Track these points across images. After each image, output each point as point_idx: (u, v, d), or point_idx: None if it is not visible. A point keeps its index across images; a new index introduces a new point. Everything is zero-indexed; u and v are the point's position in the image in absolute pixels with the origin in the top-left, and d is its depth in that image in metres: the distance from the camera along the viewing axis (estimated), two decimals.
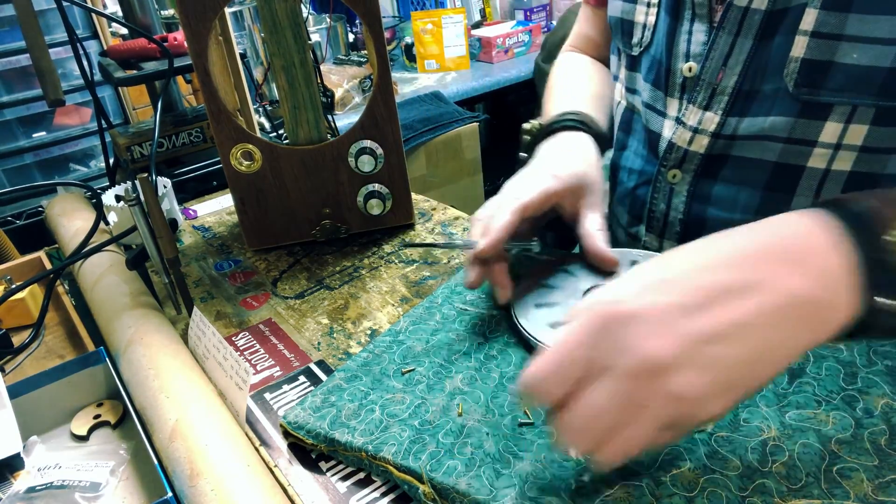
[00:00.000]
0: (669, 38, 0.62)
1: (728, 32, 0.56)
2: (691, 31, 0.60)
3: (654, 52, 0.65)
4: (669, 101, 0.64)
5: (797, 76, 0.53)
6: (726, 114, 0.59)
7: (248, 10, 1.61)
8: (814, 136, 0.55)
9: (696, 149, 0.62)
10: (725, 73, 0.58)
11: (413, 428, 0.45)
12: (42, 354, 0.68)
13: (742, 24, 0.55)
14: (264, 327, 0.64)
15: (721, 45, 0.57)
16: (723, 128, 0.59)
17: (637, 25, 0.68)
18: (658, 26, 0.65)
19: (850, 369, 0.45)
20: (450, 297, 0.60)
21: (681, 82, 0.62)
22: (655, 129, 0.67)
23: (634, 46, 0.69)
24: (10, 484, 0.49)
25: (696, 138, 0.61)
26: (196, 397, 0.50)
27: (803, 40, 0.52)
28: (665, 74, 0.63)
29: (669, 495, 0.38)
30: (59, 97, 0.72)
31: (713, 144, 0.60)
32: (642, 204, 0.70)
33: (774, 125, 0.56)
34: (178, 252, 0.63)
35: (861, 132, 0.53)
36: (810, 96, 0.53)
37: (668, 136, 0.64)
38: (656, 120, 0.66)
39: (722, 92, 0.58)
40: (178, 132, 1.04)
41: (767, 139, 0.57)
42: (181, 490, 0.44)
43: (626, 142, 0.75)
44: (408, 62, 2.20)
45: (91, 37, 1.65)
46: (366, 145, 0.71)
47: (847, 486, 0.37)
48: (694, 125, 0.61)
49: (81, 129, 1.71)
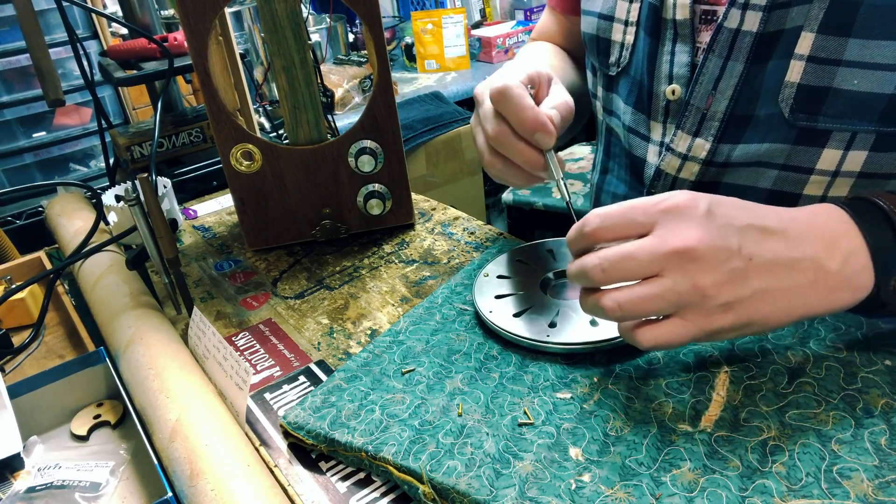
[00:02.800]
0: (651, 60, 0.60)
1: (718, 55, 0.54)
2: (674, 52, 0.58)
3: (633, 73, 0.63)
4: (653, 125, 0.62)
5: (793, 102, 0.51)
6: (717, 140, 0.56)
7: (248, 10, 1.61)
8: (811, 164, 0.53)
9: (685, 176, 0.59)
10: (715, 97, 0.55)
11: (413, 428, 0.45)
12: (42, 354, 0.68)
13: (733, 46, 0.53)
14: (264, 327, 0.64)
15: (711, 68, 0.55)
16: (714, 155, 0.57)
17: (614, 45, 0.65)
18: (637, 46, 0.62)
19: (850, 369, 0.45)
20: (450, 297, 0.60)
21: (664, 105, 0.60)
22: (639, 154, 0.64)
23: (612, 66, 0.66)
24: (10, 484, 0.49)
25: (686, 165, 0.59)
26: (196, 397, 0.50)
27: (800, 65, 0.50)
28: (647, 97, 0.61)
29: (669, 495, 0.38)
30: (59, 97, 0.72)
31: (704, 172, 0.58)
32: None
33: (769, 152, 0.54)
34: (178, 252, 0.63)
35: (860, 158, 0.51)
36: (807, 122, 0.51)
37: (654, 163, 0.62)
38: (639, 144, 0.64)
39: (712, 117, 0.56)
40: (178, 132, 1.04)
41: (762, 166, 0.55)
42: (181, 490, 0.44)
43: (608, 165, 0.73)
44: (408, 62, 2.20)
45: (91, 37, 1.65)
46: (366, 145, 0.71)
47: (847, 486, 0.37)
48: (683, 152, 0.59)
49: (81, 129, 1.72)
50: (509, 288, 0.58)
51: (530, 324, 0.52)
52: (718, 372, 0.46)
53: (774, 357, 0.47)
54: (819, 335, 0.48)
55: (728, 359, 0.47)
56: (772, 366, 0.46)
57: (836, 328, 0.49)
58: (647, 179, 0.63)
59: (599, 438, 0.42)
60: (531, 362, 0.50)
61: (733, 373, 0.46)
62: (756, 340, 0.49)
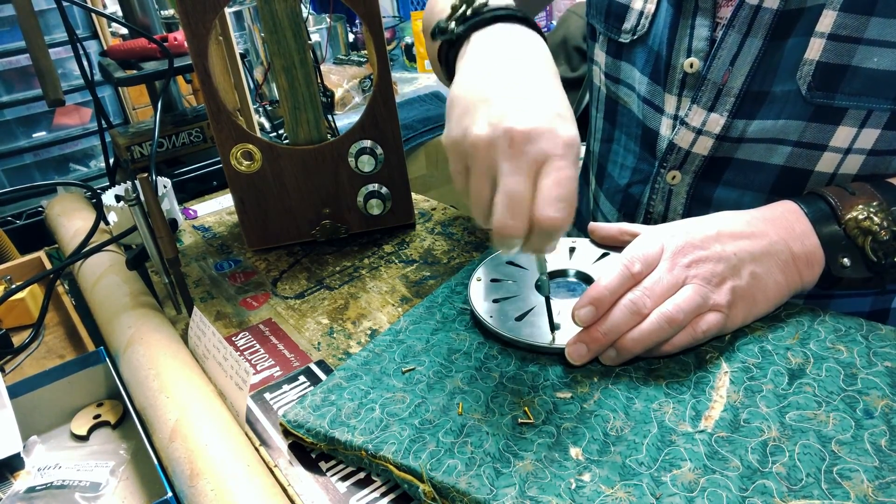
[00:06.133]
0: (672, 31, 0.59)
1: (737, 31, 0.54)
2: (693, 26, 0.58)
3: (651, 43, 0.62)
4: (667, 98, 0.61)
5: (811, 79, 0.51)
6: (732, 115, 0.57)
7: (248, 10, 1.61)
8: (825, 140, 0.53)
9: (698, 151, 0.60)
10: (732, 72, 0.56)
11: (413, 427, 0.45)
12: (42, 354, 0.68)
13: (752, 22, 0.53)
14: (264, 327, 0.64)
15: (730, 43, 0.55)
16: (729, 130, 0.57)
17: (632, 11, 0.63)
18: (658, 16, 0.61)
19: (850, 370, 0.45)
20: (450, 296, 0.60)
21: (681, 78, 0.60)
22: (652, 126, 0.64)
23: (624, 33, 0.64)
24: (10, 484, 0.49)
25: (699, 140, 0.59)
26: (196, 397, 0.50)
27: (819, 42, 0.50)
28: (665, 69, 0.61)
29: (669, 495, 0.38)
30: (59, 97, 0.72)
31: (718, 147, 0.59)
32: (636, 203, 0.68)
33: (784, 128, 0.54)
34: (178, 252, 0.63)
35: (873, 136, 0.52)
36: (824, 100, 0.52)
37: (667, 136, 0.62)
38: (653, 116, 0.63)
39: (728, 93, 0.56)
40: (178, 132, 1.04)
41: (775, 142, 0.55)
42: (181, 490, 0.44)
43: (613, 134, 0.72)
44: (408, 62, 2.20)
45: (91, 37, 1.65)
46: (366, 145, 0.71)
47: (847, 486, 0.37)
48: (698, 126, 0.59)
49: (81, 129, 1.72)
50: (504, 292, 0.57)
51: (533, 327, 0.52)
52: (718, 372, 0.46)
53: (774, 358, 0.47)
54: (819, 336, 0.48)
55: (728, 359, 0.47)
56: (772, 366, 0.46)
57: (836, 329, 0.49)
58: (660, 153, 0.63)
59: (600, 438, 0.42)
60: (531, 362, 0.50)
61: (733, 373, 0.46)
62: (756, 341, 0.49)
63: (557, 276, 0.59)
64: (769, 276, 0.49)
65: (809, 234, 0.50)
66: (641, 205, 0.67)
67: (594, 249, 0.60)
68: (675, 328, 0.47)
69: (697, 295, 0.47)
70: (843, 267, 0.50)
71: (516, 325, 0.53)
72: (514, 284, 0.58)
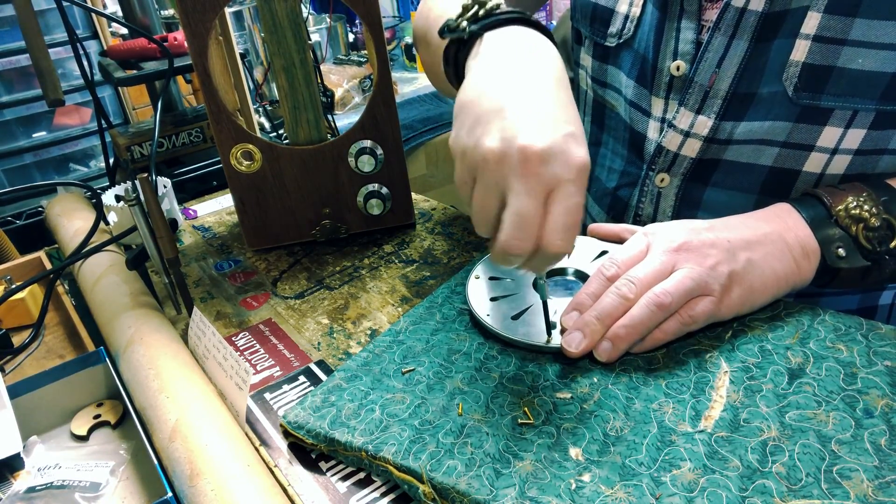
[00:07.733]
0: (658, 35, 0.59)
1: (723, 33, 0.54)
2: (679, 29, 0.58)
3: (637, 46, 0.62)
4: (654, 101, 0.61)
5: (797, 80, 0.52)
6: (720, 117, 0.57)
7: (248, 10, 1.61)
8: (812, 141, 0.54)
9: (686, 153, 0.60)
10: (719, 75, 0.56)
11: (413, 428, 0.45)
12: (42, 354, 0.68)
13: (738, 25, 0.54)
14: (264, 327, 0.64)
15: (716, 46, 0.55)
16: (716, 132, 0.57)
17: (617, 15, 0.63)
18: (644, 19, 0.61)
19: (849, 370, 0.45)
20: (450, 297, 0.60)
21: (667, 81, 0.60)
22: (640, 129, 0.64)
23: (610, 37, 0.64)
24: (10, 484, 0.49)
25: (687, 142, 0.59)
26: (196, 397, 0.50)
27: (805, 44, 0.51)
28: (651, 72, 0.61)
29: (669, 495, 0.38)
30: (59, 97, 0.72)
31: (706, 149, 0.59)
32: (625, 206, 0.68)
33: (771, 129, 0.55)
34: (178, 252, 0.63)
35: (859, 136, 0.52)
36: (811, 101, 0.52)
37: (655, 139, 0.62)
38: (641, 119, 0.63)
39: (715, 95, 0.56)
40: (178, 132, 1.04)
41: (763, 143, 0.56)
42: (181, 490, 0.44)
43: (601, 137, 0.72)
44: (408, 62, 2.20)
45: (91, 37, 1.65)
46: (366, 145, 0.71)
47: (847, 486, 0.37)
48: (686, 129, 0.59)
49: (81, 129, 1.71)
50: (503, 290, 0.57)
51: (530, 326, 0.52)
52: (718, 372, 0.46)
53: (774, 357, 0.47)
54: (819, 336, 0.48)
55: (728, 359, 0.47)
56: (772, 366, 0.46)
57: (836, 329, 0.49)
58: (647, 155, 0.63)
59: (599, 438, 0.42)
60: (531, 362, 0.50)
61: (733, 373, 0.46)
62: (756, 340, 0.49)
63: (555, 274, 0.59)
64: (766, 264, 0.49)
65: (802, 226, 0.51)
66: (630, 207, 0.67)
67: (592, 248, 0.60)
68: (665, 312, 0.46)
69: (687, 279, 0.47)
70: (839, 257, 0.50)
71: (513, 323, 0.53)
72: (512, 283, 0.58)
